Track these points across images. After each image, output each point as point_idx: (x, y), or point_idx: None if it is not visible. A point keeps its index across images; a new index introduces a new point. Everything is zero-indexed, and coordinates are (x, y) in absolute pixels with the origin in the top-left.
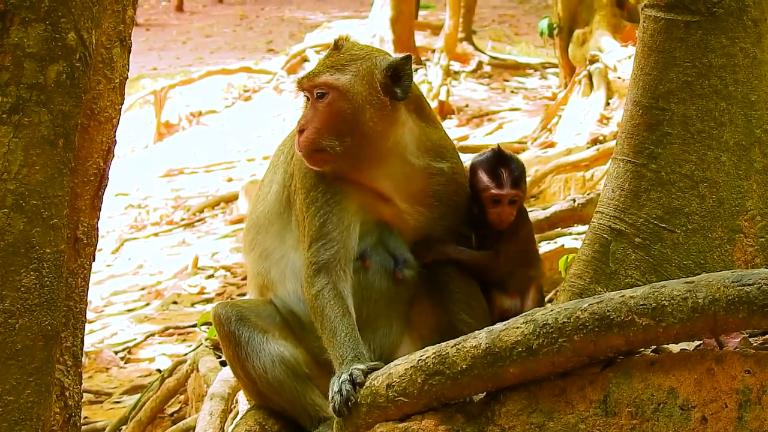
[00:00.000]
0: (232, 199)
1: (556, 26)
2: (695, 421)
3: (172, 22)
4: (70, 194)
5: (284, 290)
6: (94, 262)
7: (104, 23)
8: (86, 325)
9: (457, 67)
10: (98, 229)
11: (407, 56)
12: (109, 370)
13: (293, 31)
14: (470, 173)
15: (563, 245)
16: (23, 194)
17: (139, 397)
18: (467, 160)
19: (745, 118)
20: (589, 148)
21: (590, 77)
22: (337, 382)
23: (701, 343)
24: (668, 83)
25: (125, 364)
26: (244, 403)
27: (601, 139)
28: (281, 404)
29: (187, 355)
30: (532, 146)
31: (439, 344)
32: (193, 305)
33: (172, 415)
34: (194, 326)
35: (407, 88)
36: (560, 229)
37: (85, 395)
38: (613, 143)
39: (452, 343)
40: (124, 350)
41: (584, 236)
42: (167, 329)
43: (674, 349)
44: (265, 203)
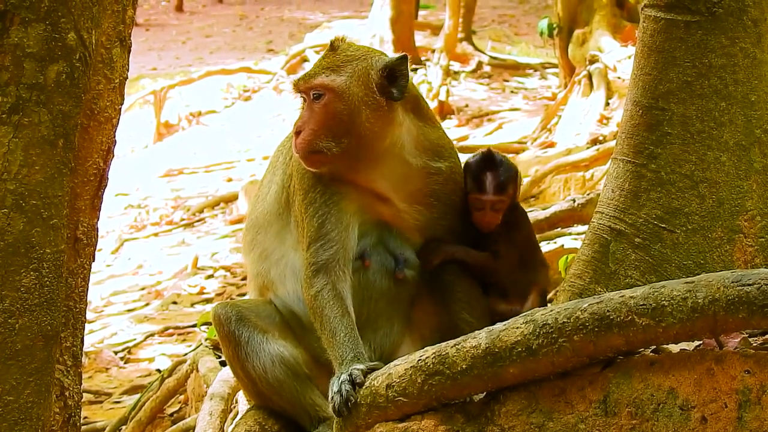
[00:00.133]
0: (231, 199)
1: (555, 26)
2: (695, 421)
3: (171, 22)
4: (70, 194)
5: (284, 290)
6: (94, 262)
7: (104, 23)
8: (86, 325)
9: (456, 67)
10: (98, 229)
11: (403, 56)
12: (108, 370)
13: (293, 31)
14: (464, 173)
15: (563, 245)
16: (23, 194)
17: (138, 397)
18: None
19: (745, 118)
20: (588, 148)
21: (590, 77)
22: (336, 382)
23: (701, 343)
24: (668, 83)
25: (125, 364)
26: (243, 403)
27: (600, 139)
28: (281, 404)
29: (186, 355)
30: (531, 146)
31: (438, 344)
32: (192, 305)
33: (171, 415)
34: (194, 326)
35: (403, 88)
36: (560, 229)
37: (84, 395)
38: (612, 143)
39: (452, 343)
40: (123, 350)
41: (584, 236)
42: (167, 329)
43: (674, 349)
44: (264, 204)
